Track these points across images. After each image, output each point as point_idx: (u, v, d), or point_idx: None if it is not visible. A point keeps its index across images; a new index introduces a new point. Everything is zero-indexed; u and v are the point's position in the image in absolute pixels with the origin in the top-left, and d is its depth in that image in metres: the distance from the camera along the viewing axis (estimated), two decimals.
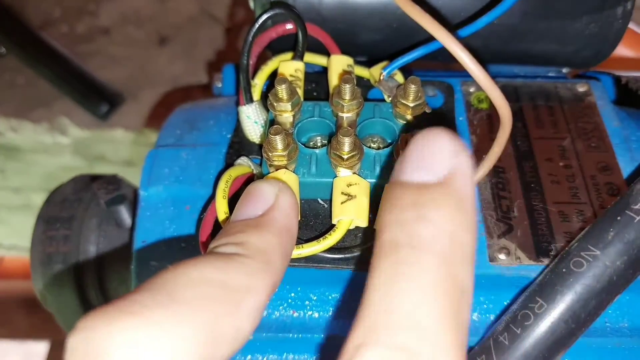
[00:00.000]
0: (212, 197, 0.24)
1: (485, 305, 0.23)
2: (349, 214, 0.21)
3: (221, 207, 0.21)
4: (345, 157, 0.22)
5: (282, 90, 0.23)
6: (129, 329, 0.13)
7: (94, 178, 0.32)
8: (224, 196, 0.21)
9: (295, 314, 0.24)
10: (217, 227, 0.22)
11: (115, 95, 0.59)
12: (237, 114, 0.27)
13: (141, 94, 0.60)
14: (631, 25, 0.27)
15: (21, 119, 0.60)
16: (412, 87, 0.23)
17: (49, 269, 0.31)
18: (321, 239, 0.22)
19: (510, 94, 0.28)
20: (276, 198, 0.19)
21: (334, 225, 0.22)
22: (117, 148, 0.59)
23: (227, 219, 0.21)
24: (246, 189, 0.20)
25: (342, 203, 0.22)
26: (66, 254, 0.31)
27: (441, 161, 0.15)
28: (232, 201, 0.21)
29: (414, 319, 0.14)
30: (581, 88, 0.28)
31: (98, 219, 0.31)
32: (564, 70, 0.31)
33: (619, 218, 0.20)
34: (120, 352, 0.13)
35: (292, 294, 0.24)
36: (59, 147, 0.60)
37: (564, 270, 0.20)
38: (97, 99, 0.58)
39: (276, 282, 0.17)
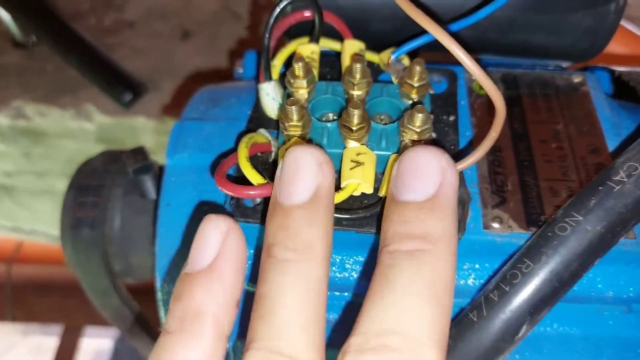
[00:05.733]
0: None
1: (477, 268, 0.25)
2: (357, 178, 0.24)
3: (242, 153, 0.24)
4: (354, 128, 0.24)
5: (299, 68, 0.26)
6: None
7: (122, 152, 0.35)
8: (246, 146, 0.24)
9: None
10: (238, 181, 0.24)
11: (138, 85, 0.62)
12: (257, 92, 0.29)
13: (163, 85, 0.63)
14: (622, 22, 0.29)
15: (49, 105, 0.63)
16: (417, 68, 0.26)
17: (77, 233, 0.33)
18: None
19: (509, 81, 0.30)
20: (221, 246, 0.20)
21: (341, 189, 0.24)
22: (138, 135, 0.62)
23: (248, 161, 0.24)
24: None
25: (350, 169, 0.24)
26: (94, 219, 0.33)
27: (429, 181, 0.20)
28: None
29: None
30: (576, 79, 0.30)
31: (124, 189, 0.34)
32: (564, 64, 0.33)
33: (600, 188, 0.22)
34: None
35: None
36: (84, 133, 0.63)
37: (549, 234, 0.22)
38: (122, 88, 0.61)
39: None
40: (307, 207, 0.20)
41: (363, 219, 0.24)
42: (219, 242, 0.20)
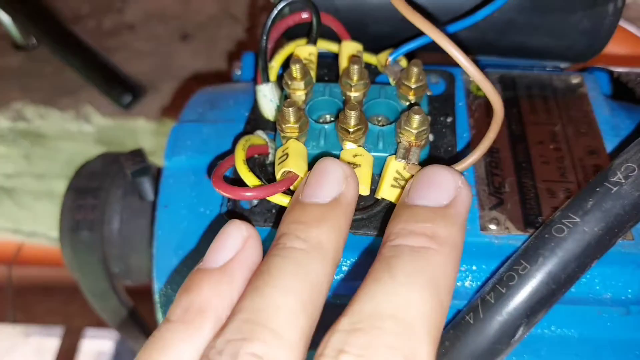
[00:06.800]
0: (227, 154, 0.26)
1: (474, 270, 0.25)
2: None
3: (239, 155, 0.23)
4: (351, 130, 0.24)
5: (296, 69, 0.26)
6: None
7: (120, 154, 0.35)
8: (243, 148, 0.24)
9: None
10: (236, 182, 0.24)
11: (138, 87, 0.62)
12: (254, 93, 0.29)
13: (163, 87, 0.63)
14: (622, 23, 0.29)
15: (49, 107, 0.63)
16: (414, 70, 0.26)
17: (76, 235, 0.33)
18: None
19: (507, 83, 0.30)
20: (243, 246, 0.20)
21: None
22: (138, 137, 0.62)
23: (244, 164, 0.24)
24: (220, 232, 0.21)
25: None
26: (93, 221, 0.33)
27: (443, 192, 0.20)
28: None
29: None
30: (574, 80, 0.30)
31: (123, 191, 0.34)
32: (562, 65, 0.33)
33: (597, 189, 0.22)
34: None
35: None
36: (83, 135, 0.63)
37: (546, 236, 0.22)
38: (121, 90, 0.61)
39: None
40: (326, 208, 0.20)
41: (360, 221, 0.24)
42: (237, 245, 0.20)
